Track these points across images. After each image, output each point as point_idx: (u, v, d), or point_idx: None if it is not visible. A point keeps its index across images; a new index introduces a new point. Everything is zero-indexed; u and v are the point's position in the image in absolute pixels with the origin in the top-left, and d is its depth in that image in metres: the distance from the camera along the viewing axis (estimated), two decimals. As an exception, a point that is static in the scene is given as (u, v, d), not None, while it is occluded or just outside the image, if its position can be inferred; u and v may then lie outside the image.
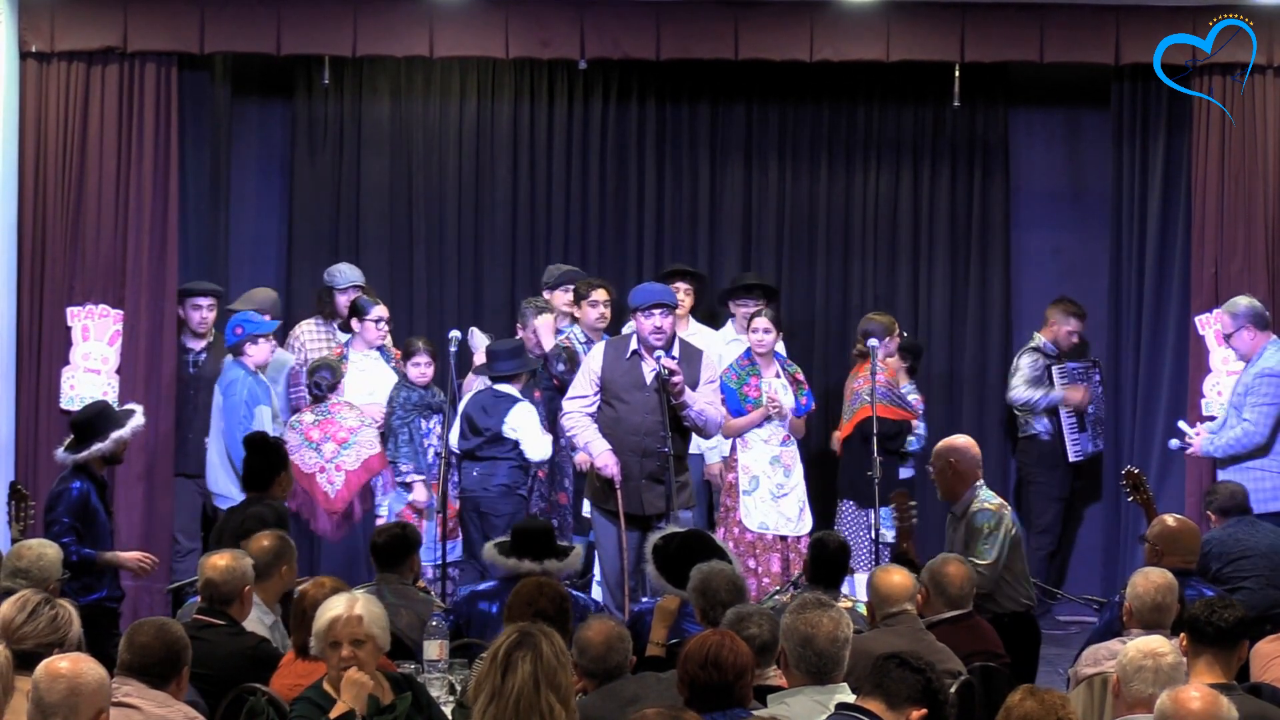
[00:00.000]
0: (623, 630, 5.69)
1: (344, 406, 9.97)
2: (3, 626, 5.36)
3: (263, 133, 11.85)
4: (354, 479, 9.77)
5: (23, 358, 10.22)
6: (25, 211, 10.20)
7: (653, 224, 11.87)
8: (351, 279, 10.73)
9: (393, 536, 7.55)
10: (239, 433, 9.42)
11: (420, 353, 10.23)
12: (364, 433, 9.90)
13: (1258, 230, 10.31)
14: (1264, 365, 9.54)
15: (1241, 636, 5.72)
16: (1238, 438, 9.53)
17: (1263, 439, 9.49)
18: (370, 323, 10.44)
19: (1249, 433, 9.50)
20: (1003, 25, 10.40)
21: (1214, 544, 8.18)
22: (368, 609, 5.51)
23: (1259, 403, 9.51)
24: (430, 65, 11.46)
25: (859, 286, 11.88)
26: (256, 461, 8.22)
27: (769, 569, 9.85)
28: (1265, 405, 9.50)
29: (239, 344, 9.94)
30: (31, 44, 10.18)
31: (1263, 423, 9.49)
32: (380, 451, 9.94)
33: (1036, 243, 11.99)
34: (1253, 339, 9.61)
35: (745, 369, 10.12)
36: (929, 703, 4.81)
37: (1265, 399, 9.50)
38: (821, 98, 11.83)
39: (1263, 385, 9.51)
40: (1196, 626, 5.66)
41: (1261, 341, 9.63)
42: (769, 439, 10.07)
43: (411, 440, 10.05)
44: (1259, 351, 9.59)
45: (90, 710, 4.61)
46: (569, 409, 9.21)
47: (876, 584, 6.65)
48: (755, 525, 9.93)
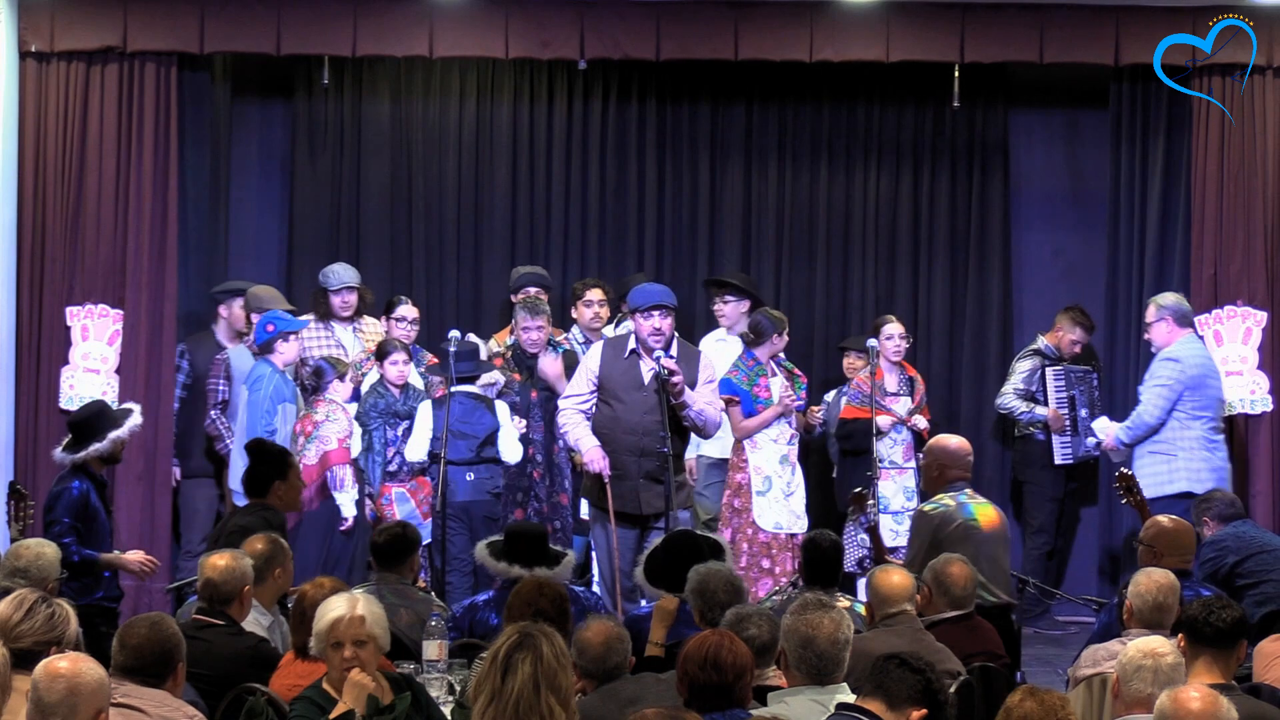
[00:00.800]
0: (622, 631, 5.69)
1: (324, 402, 9.87)
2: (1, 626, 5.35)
3: (263, 132, 11.85)
4: (309, 473, 9.60)
5: (22, 358, 10.23)
6: (25, 211, 10.20)
7: (653, 224, 11.87)
8: (345, 279, 10.72)
9: (393, 536, 7.53)
10: (261, 430, 9.46)
11: (397, 350, 10.21)
12: (326, 427, 9.73)
13: (1257, 230, 10.31)
14: (1169, 351, 9.95)
15: (1240, 636, 5.72)
16: (1132, 420, 9.94)
17: (1155, 419, 9.88)
18: (394, 321, 10.44)
19: (1139, 414, 9.95)
20: (1002, 26, 10.40)
21: (1228, 540, 8.22)
22: (369, 609, 5.52)
23: (1154, 384, 9.94)
24: (430, 65, 11.46)
25: (859, 286, 11.89)
26: (255, 468, 8.12)
27: (785, 569, 9.85)
28: (1159, 386, 9.91)
29: (269, 341, 9.87)
30: (31, 44, 10.18)
31: (1155, 403, 9.89)
32: (339, 447, 9.73)
33: (1036, 243, 12.00)
34: (1169, 332, 9.99)
35: (753, 369, 10.13)
36: (929, 703, 4.82)
37: (1160, 380, 9.92)
38: (821, 98, 11.83)
39: (1161, 368, 9.94)
40: (1195, 627, 5.65)
41: (1178, 335, 9.99)
42: (777, 438, 10.08)
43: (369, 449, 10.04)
44: (1172, 344, 9.98)
45: (90, 710, 4.60)
46: (564, 407, 9.22)
47: (876, 584, 6.65)
48: (770, 525, 9.95)
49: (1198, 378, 9.96)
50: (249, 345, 10.19)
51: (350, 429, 9.79)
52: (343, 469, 9.67)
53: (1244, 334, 10.32)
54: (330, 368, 9.90)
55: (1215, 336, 10.30)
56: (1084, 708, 6.25)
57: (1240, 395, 10.31)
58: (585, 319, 10.55)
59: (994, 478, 11.47)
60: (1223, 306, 10.34)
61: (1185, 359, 9.94)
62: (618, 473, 8.94)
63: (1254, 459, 10.27)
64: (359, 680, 5.37)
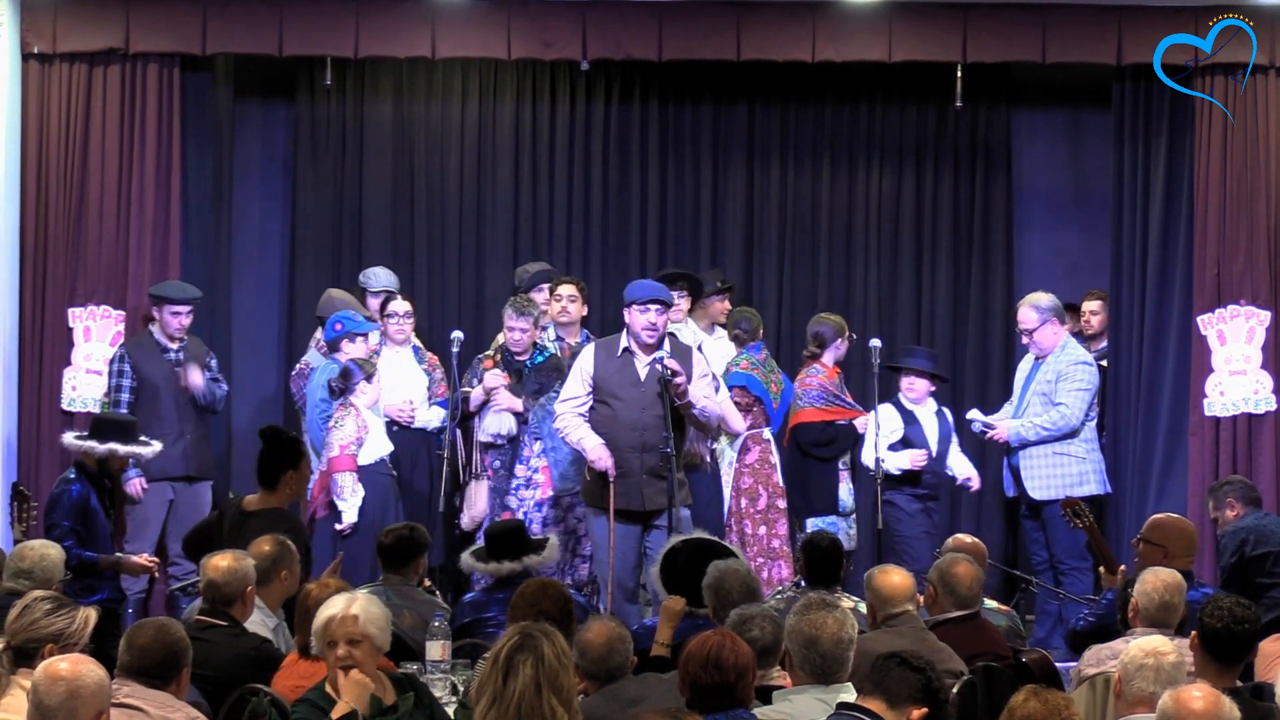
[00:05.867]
0: (624, 631, 5.69)
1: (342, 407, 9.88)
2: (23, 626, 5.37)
3: (265, 134, 11.85)
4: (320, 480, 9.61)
5: (24, 358, 10.23)
6: (27, 213, 10.21)
7: (655, 225, 11.87)
8: (385, 283, 10.73)
9: (399, 538, 7.53)
10: (317, 422, 9.61)
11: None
12: (334, 433, 9.72)
13: (1259, 230, 10.31)
14: (1074, 355, 10.24)
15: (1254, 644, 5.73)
16: (1054, 420, 10.10)
17: (1078, 422, 10.13)
18: (386, 319, 10.46)
19: (1065, 415, 10.09)
20: (1005, 26, 10.40)
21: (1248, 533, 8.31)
22: (364, 608, 5.49)
23: (1074, 388, 10.13)
24: (432, 66, 11.46)
25: (861, 287, 11.88)
26: (268, 456, 7.97)
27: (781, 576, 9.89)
28: (1079, 390, 10.13)
29: (337, 339, 9.89)
30: (34, 45, 10.18)
31: (1077, 406, 10.11)
32: (341, 454, 9.64)
33: (1038, 243, 12.00)
34: (1055, 333, 10.27)
35: (765, 365, 10.21)
36: (929, 702, 4.82)
37: (1079, 384, 10.14)
38: (824, 98, 11.83)
39: (1077, 371, 10.16)
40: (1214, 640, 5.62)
41: (1063, 334, 10.32)
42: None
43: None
44: (1062, 343, 10.26)
45: (90, 712, 4.60)
46: (560, 411, 9.20)
47: (876, 585, 6.64)
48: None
49: (1095, 377, 10.31)
50: (319, 346, 10.27)
51: (358, 436, 9.75)
52: (344, 475, 9.63)
53: (1247, 333, 10.32)
54: (358, 369, 9.84)
55: (1219, 336, 10.30)
56: (1087, 707, 6.25)
57: (1243, 395, 10.31)
58: (554, 313, 10.53)
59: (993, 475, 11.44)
60: (1226, 306, 10.32)
61: (1091, 361, 10.30)
62: (621, 470, 8.94)
63: (1257, 459, 10.25)
64: (355, 679, 5.36)
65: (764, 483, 10.12)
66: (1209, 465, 10.21)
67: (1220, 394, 10.29)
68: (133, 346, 10.00)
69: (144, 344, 10.01)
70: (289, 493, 8.00)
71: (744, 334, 10.39)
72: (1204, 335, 10.32)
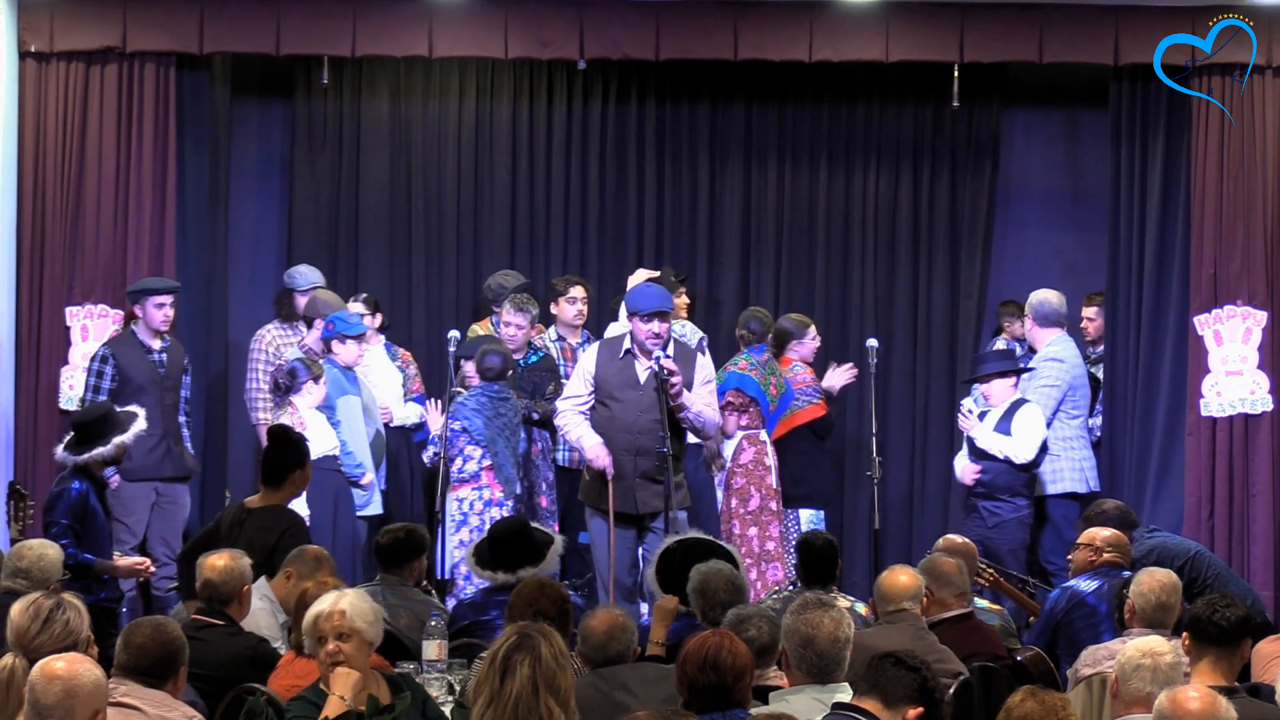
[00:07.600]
0: (626, 620, 5.69)
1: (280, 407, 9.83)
2: (17, 636, 5.31)
3: (262, 133, 11.84)
4: None
5: (22, 358, 10.22)
6: (24, 211, 10.20)
7: (652, 224, 11.87)
8: (311, 280, 10.73)
9: (396, 539, 7.53)
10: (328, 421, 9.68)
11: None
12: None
13: (1257, 230, 10.31)
14: (1052, 351, 10.27)
15: (1244, 635, 5.72)
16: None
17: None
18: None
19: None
20: (1002, 26, 10.40)
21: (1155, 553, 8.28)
22: (352, 603, 5.47)
23: (1041, 385, 10.16)
24: (429, 65, 11.45)
25: (858, 286, 11.88)
26: (276, 455, 7.88)
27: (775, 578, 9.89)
28: (1047, 387, 10.15)
29: (327, 340, 10.05)
30: (31, 44, 10.18)
31: (1045, 403, 10.08)
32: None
33: (1035, 243, 11.99)
34: (1041, 333, 10.38)
35: (765, 365, 10.19)
36: (925, 701, 4.82)
37: (1047, 380, 10.17)
38: (821, 98, 11.83)
39: (1047, 368, 10.22)
40: (1199, 626, 5.66)
41: (1050, 334, 10.39)
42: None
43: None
44: (1048, 342, 10.35)
45: (86, 712, 4.59)
46: (562, 409, 9.19)
47: (881, 583, 6.67)
48: None
49: (1079, 377, 10.32)
50: (302, 347, 10.28)
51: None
52: None
53: (1244, 334, 10.32)
54: (305, 368, 9.81)
55: (1215, 336, 10.30)
56: (1084, 707, 6.25)
57: (1240, 395, 10.31)
58: (568, 316, 10.51)
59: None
60: (1222, 306, 10.32)
61: (1068, 359, 10.29)
62: (615, 472, 8.93)
63: (1254, 459, 10.25)
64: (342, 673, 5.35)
65: (757, 484, 10.11)
66: (1206, 465, 10.21)
67: (1217, 394, 10.29)
68: (116, 346, 9.86)
69: (128, 343, 9.87)
70: (290, 491, 7.99)
71: (751, 335, 10.39)
72: (1201, 335, 10.32)
